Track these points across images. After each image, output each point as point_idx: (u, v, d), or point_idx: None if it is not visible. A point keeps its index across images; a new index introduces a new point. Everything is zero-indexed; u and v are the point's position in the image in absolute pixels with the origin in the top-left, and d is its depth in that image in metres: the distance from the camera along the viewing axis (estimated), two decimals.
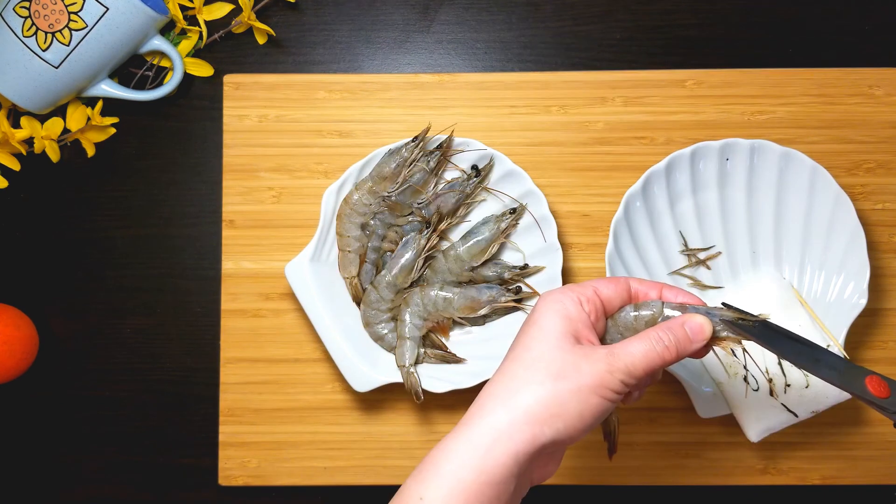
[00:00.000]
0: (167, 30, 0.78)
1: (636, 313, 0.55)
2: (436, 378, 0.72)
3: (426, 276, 0.74)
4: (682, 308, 0.55)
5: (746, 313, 0.54)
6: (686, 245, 0.74)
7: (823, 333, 0.71)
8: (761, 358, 0.71)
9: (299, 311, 0.76)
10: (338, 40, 0.80)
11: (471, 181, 0.74)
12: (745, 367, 0.71)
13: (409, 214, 0.74)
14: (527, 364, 0.51)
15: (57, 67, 0.72)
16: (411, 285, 0.74)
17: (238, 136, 0.77)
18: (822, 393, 0.70)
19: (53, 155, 0.77)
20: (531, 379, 0.50)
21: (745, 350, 0.56)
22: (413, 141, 0.73)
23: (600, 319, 0.55)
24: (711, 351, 0.55)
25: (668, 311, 0.55)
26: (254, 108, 0.77)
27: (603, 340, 0.56)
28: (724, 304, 0.55)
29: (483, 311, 0.73)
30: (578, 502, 0.77)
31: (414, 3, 0.80)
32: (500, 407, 0.50)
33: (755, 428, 0.70)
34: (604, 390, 0.51)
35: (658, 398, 0.76)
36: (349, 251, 0.74)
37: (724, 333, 0.54)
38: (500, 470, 0.49)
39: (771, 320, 0.54)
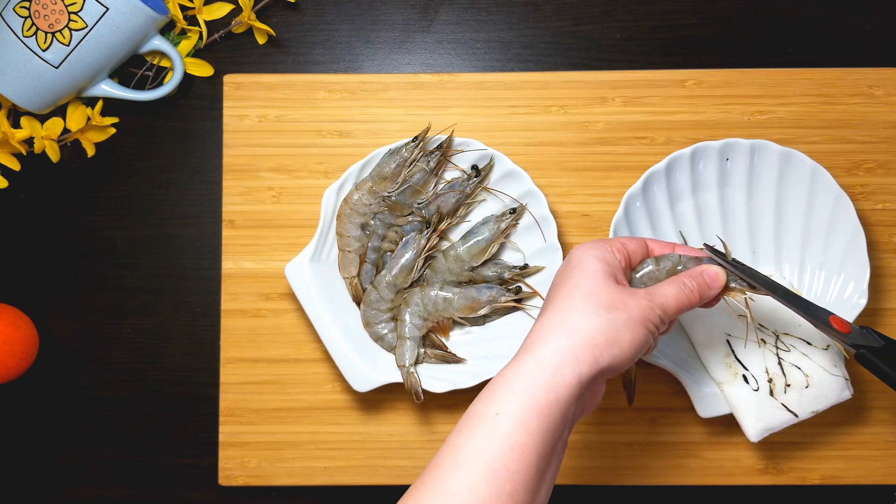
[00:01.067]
0: (167, 30, 0.78)
1: (658, 266, 0.61)
2: (436, 378, 0.72)
3: (426, 276, 0.74)
4: (697, 260, 0.61)
5: (747, 267, 0.62)
6: (686, 244, 0.74)
7: (823, 335, 0.71)
8: (761, 358, 0.71)
9: (299, 311, 0.76)
10: (338, 40, 0.80)
11: (471, 181, 0.74)
12: (744, 367, 0.71)
13: (409, 214, 0.74)
14: (579, 297, 0.55)
15: (57, 67, 0.73)
16: (411, 285, 0.74)
17: (238, 136, 0.77)
18: (822, 393, 0.70)
19: (53, 155, 0.77)
20: (586, 310, 0.54)
21: (749, 299, 0.62)
22: (413, 141, 0.73)
23: (627, 269, 0.60)
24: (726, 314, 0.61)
25: (685, 263, 0.61)
26: (254, 108, 0.77)
27: None
28: (705, 245, 0.63)
29: (483, 311, 0.73)
30: (578, 502, 0.77)
31: (414, 3, 0.80)
32: (562, 334, 0.53)
33: (755, 428, 0.70)
34: (649, 323, 0.56)
35: (658, 398, 0.76)
36: (349, 251, 0.74)
37: (734, 284, 0.61)
38: (566, 390, 0.52)
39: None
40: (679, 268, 0.61)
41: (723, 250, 0.62)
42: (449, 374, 0.73)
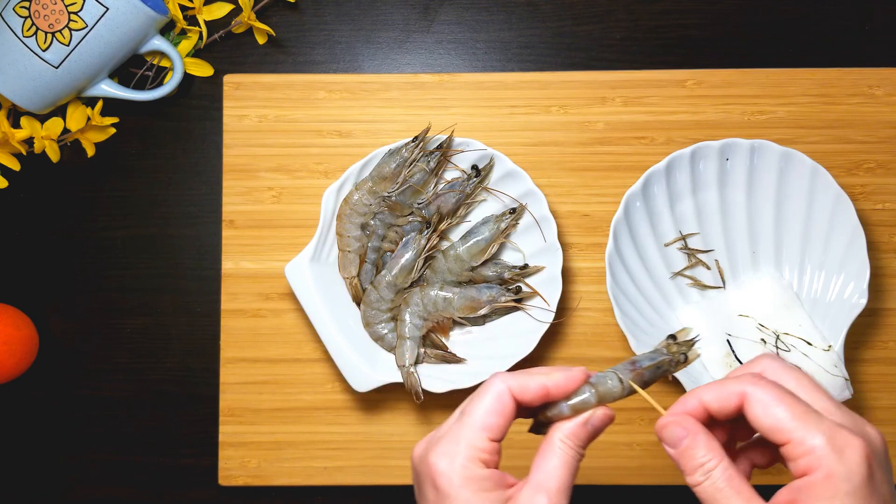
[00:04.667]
0: (167, 30, 0.78)
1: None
2: (436, 378, 0.72)
3: (426, 276, 0.74)
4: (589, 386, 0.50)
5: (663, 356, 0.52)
6: (686, 244, 0.74)
7: (823, 335, 0.71)
8: None
9: (299, 311, 0.76)
10: (338, 40, 0.80)
11: (471, 181, 0.74)
12: None
13: (409, 214, 0.74)
14: None
15: (57, 67, 0.73)
16: (411, 285, 0.74)
17: (238, 136, 0.77)
18: None
19: (53, 155, 0.77)
20: None
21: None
22: (413, 141, 0.73)
23: (497, 457, 0.49)
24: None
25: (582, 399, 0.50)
26: (254, 108, 0.77)
27: None
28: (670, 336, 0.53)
29: (483, 311, 0.73)
30: (578, 502, 0.77)
31: (414, 3, 0.80)
32: None
33: None
34: None
35: (658, 398, 0.75)
36: (349, 251, 0.74)
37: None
38: None
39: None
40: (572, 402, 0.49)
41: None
42: (449, 374, 0.73)
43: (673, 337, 0.52)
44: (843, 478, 0.44)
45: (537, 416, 0.50)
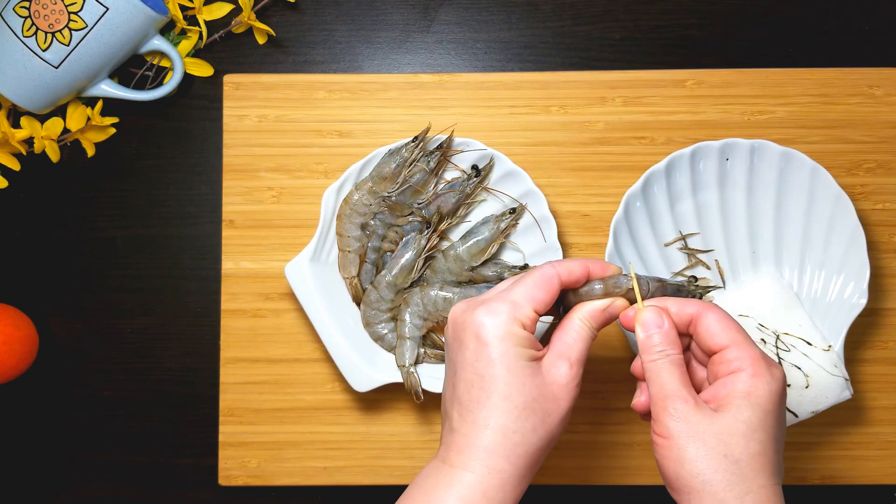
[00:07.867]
0: (167, 30, 0.78)
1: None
2: (436, 378, 0.72)
3: (426, 276, 0.74)
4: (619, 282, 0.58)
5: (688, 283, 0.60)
6: (686, 244, 0.74)
7: (823, 335, 0.71)
8: None
9: (299, 311, 0.76)
10: (338, 40, 0.80)
11: (471, 181, 0.74)
12: None
13: (409, 214, 0.74)
14: (515, 415, 0.54)
15: (57, 67, 0.73)
16: (411, 285, 0.74)
17: (238, 136, 0.77)
18: (822, 393, 0.70)
19: (53, 155, 0.77)
20: (528, 429, 0.54)
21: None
22: (413, 141, 0.73)
23: (534, 325, 0.57)
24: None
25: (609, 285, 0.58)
26: (254, 108, 0.77)
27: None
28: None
29: None
30: (579, 502, 0.77)
31: (414, 3, 0.80)
32: (505, 461, 0.54)
33: None
34: (573, 398, 0.56)
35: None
36: (349, 251, 0.74)
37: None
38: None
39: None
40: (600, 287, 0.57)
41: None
42: None
43: (695, 278, 0.65)
44: (766, 381, 0.53)
45: (567, 293, 0.58)
